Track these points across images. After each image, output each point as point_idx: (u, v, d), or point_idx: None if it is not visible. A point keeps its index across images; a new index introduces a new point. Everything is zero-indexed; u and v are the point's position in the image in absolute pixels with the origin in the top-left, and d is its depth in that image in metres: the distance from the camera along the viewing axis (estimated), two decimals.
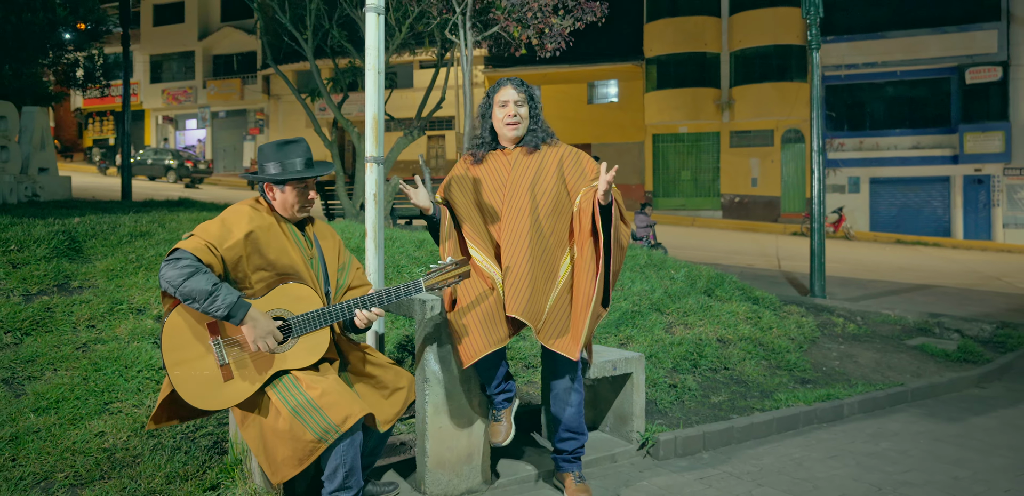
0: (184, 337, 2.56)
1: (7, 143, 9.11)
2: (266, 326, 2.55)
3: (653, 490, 3.25)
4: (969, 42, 21.43)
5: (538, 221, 2.99)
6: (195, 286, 2.44)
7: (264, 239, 2.66)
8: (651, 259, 6.86)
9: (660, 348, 4.91)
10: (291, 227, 2.80)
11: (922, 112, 22.44)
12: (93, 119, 37.29)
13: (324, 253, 2.88)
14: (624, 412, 3.73)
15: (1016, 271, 13.89)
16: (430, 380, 3.01)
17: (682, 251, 11.82)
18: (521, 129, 3.09)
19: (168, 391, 2.64)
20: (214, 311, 2.47)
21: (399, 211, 11.59)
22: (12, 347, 3.74)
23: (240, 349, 2.60)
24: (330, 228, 3.00)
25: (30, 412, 3.24)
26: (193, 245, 2.53)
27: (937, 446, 3.94)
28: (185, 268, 2.46)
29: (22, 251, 4.72)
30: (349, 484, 2.62)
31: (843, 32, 22.32)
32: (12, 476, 2.86)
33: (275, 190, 2.77)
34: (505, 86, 3.10)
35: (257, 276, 2.66)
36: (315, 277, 2.78)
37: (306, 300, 2.69)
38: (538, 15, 9.21)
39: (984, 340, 6.59)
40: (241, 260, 2.62)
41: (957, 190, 21.81)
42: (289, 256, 2.71)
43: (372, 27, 3.53)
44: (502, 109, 3.08)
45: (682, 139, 25.14)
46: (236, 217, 2.66)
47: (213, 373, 2.57)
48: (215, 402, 2.57)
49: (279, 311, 2.64)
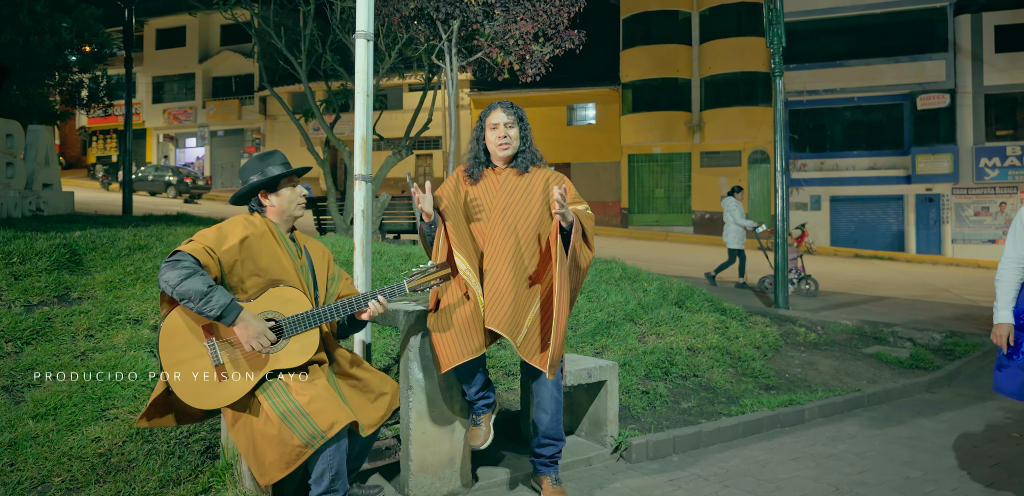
0: (181, 339, 2.54)
1: (12, 160, 9.02)
2: (258, 327, 2.54)
3: (625, 492, 3.24)
4: (920, 71, 21.82)
5: (519, 240, 2.99)
6: (191, 286, 2.43)
7: (257, 246, 2.66)
8: (625, 272, 6.88)
9: (633, 357, 4.91)
10: (283, 236, 2.79)
11: (878, 135, 22.76)
12: (97, 137, 37.01)
13: (313, 263, 2.88)
14: (599, 417, 3.73)
15: (963, 283, 14.07)
16: (414, 388, 3.00)
17: (655, 264, 11.87)
18: (512, 149, 3.10)
19: (160, 390, 2.62)
20: (208, 311, 2.45)
21: (388, 226, 11.57)
22: (12, 356, 3.68)
23: (234, 350, 2.57)
24: (319, 242, 3.00)
25: (29, 418, 3.19)
26: (192, 248, 2.53)
27: (891, 448, 3.97)
28: (184, 269, 2.45)
29: (24, 263, 4.66)
30: (335, 487, 2.59)
31: (805, 60, 22.65)
32: (10, 480, 2.81)
33: (270, 196, 2.78)
34: (496, 109, 3.12)
35: (251, 282, 2.65)
36: (305, 283, 2.77)
37: (296, 302, 2.68)
38: (520, 42, 9.28)
39: (934, 348, 6.65)
40: (236, 264, 2.61)
41: (910, 208, 22.10)
42: (280, 263, 2.71)
43: (362, 52, 3.54)
44: (493, 131, 3.09)
45: (656, 159, 25.31)
46: (232, 225, 2.68)
47: (209, 374, 2.55)
48: (210, 401, 2.54)
49: (270, 313, 2.63)
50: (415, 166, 28.51)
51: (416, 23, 9.35)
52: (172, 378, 2.52)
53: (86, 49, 13.67)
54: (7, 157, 8.93)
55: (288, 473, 2.51)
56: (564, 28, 9.47)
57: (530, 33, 9.26)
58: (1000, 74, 21.32)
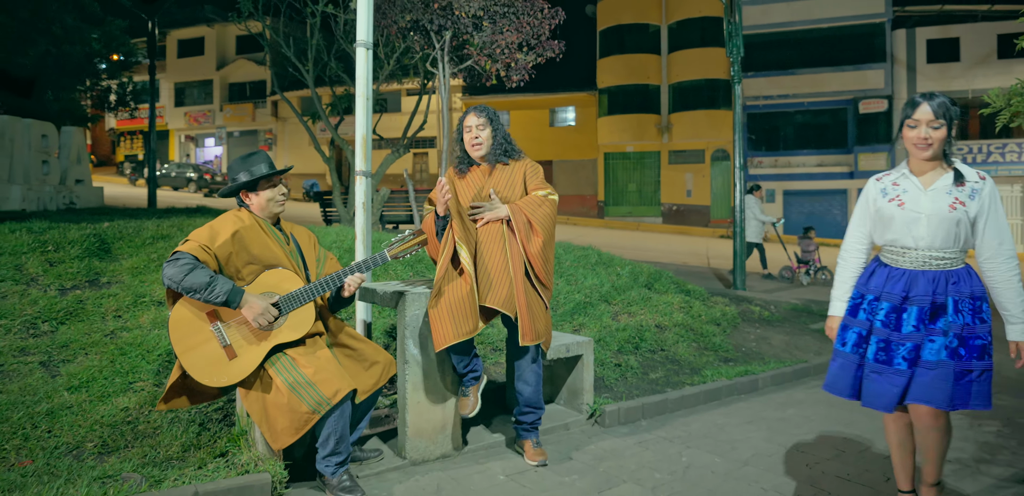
0: (189, 326, 2.52)
1: (48, 158, 8.90)
2: (262, 304, 2.52)
3: (599, 453, 3.26)
4: (862, 79, 21.89)
5: (505, 227, 2.98)
6: (195, 280, 2.41)
7: (248, 237, 2.63)
8: (601, 258, 6.88)
9: (607, 333, 4.93)
10: (270, 226, 2.76)
11: (825, 136, 22.83)
12: (125, 137, 36.55)
13: (301, 247, 2.85)
14: (576, 387, 3.74)
15: None
16: (410, 362, 3.00)
17: (627, 251, 11.90)
18: (484, 149, 3.08)
19: (177, 375, 2.59)
20: (214, 299, 2.43)
21: (387, 217, 11.52)
22: (49, 334, 3.65)
23: (238, 330, 2.55)
24: (304, 228, 2.97)
25: (64, 390, 3.17)
26: (189, 247, 2.50)
27: (833, 411, 4.01)
28: (184, 265, 2.43)
29: (58, 251, 4.60)
30: (340, 450, 2.59)
31: (761, 69, 22.62)
32: (48, 445, 2.80)
33: (250, 196, 2.74)
34: (469, 114, 3.11)
35: (247, 269, 2.63)
36: (296, 266, 2.75)
37: (289, 281, 2.66)
38: (506, 51, 9.20)
39: None
40: (231, 256, 2.58)
41: (853, 200, 22.22)
42: (271, 250, 2.69)
43: (362, 60, 3.50)
44: (467, 134, 3.09)
45: (629, 157, 25.28)
46: (222, 222, 2.65)
47: (219, 354, 2.53)
48: (225, 379, 2.53)
49: (267, 295, 2.60)
50: (412, 163, 28.35)
51: (412, 34, 9.25)
52: (187, 363, 2.50)
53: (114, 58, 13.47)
54: (43, 156, 8.80)
55: (298, 438, 2.50)
56: (546, 38, 9.38)
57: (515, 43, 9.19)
58: (931, 82, 21.48)
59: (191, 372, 2.49)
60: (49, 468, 2.64)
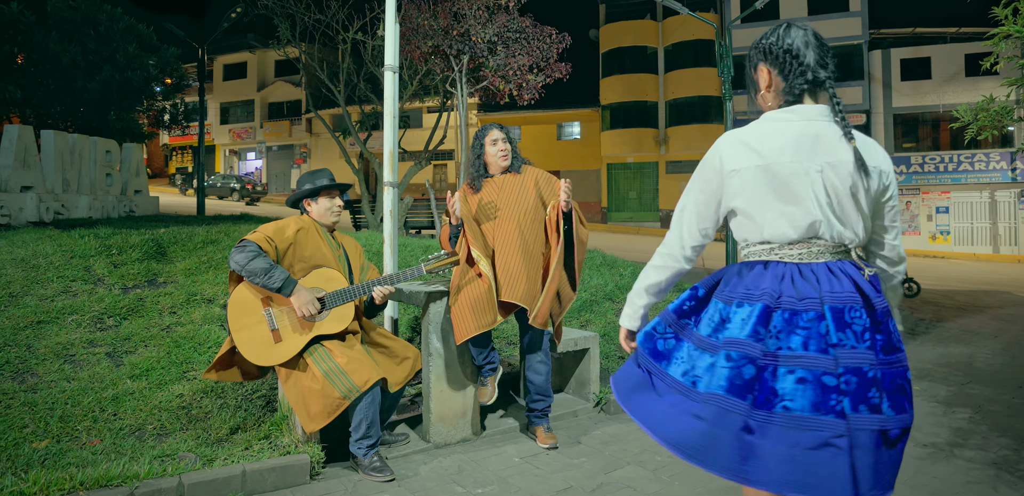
0: (245, 307, 2.57)
1: (111, 171, 9.02)
2: (309, 296, 2.57)
3: (605, 437, 3.26)
4: (841, 95, 21.62)
5: (522, 229, 2.96)
6: (257, 265, 2.48)
7: (304, 238, 2.70)
8: (605, 260, 6.86)
9: (612, 329, 4.92)
10: (325, 232, 2.82)
11: None
12: (176, 152, 36.94)
13: (348, 255, 2.90)
14: (583, 378, 3.74)
15: None
16: (433, 354, 3.01)
17: (629, 253, 11.86)
18: (509, 160, 3.10)
19: (227, 349, 2.64)
20: (271, 284, 2.49)
21: (411, 223, 11.56)
22: (113, 328, 3.70)
23: (286, 317, 2.60)
24: (354, 239, 3.03)
25: (127, 378, 3.21)
26: (256, 237, 2.57)
27: None
28: (250, 252, 2.50)
29: (121, 254, 4.67)
30: (370, 434, 2.61)
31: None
32: (114, 427, 2.84)
33: (312, 204, 2.80)
34: (492, 129, 3.09)
35: (299, 266, 2.68)
36: (342, 269, 2.80)
37: (335, 280, 2.70)
38: (518, 73, 9.22)
39: None
40: (289, 250, 2.65)
41: None
42: (322, 252, 2.74)
43: (389, 82, 3.53)
44: (494, 146, 3.06)
45: (629, 167, 25.23)
46: (287, 221, 2.73)
47: (266, 336, 2.57)
48: (267, 359, 2.57)
49: (316, 290, 2.65)
50: (433, 174, 28.43)
51: (433, 58, 9.29)
52: (238, 339, 2.54)
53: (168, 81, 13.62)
54: (107, 169, 8.92)
55: (330, 421, 2.52)
56: (554, 61, 9.40)
57: (526, 65, 9.21)
58: (905, 98, 21.28)
59: (240, 348, 2.54)
60: (115, 447, 2.69)
